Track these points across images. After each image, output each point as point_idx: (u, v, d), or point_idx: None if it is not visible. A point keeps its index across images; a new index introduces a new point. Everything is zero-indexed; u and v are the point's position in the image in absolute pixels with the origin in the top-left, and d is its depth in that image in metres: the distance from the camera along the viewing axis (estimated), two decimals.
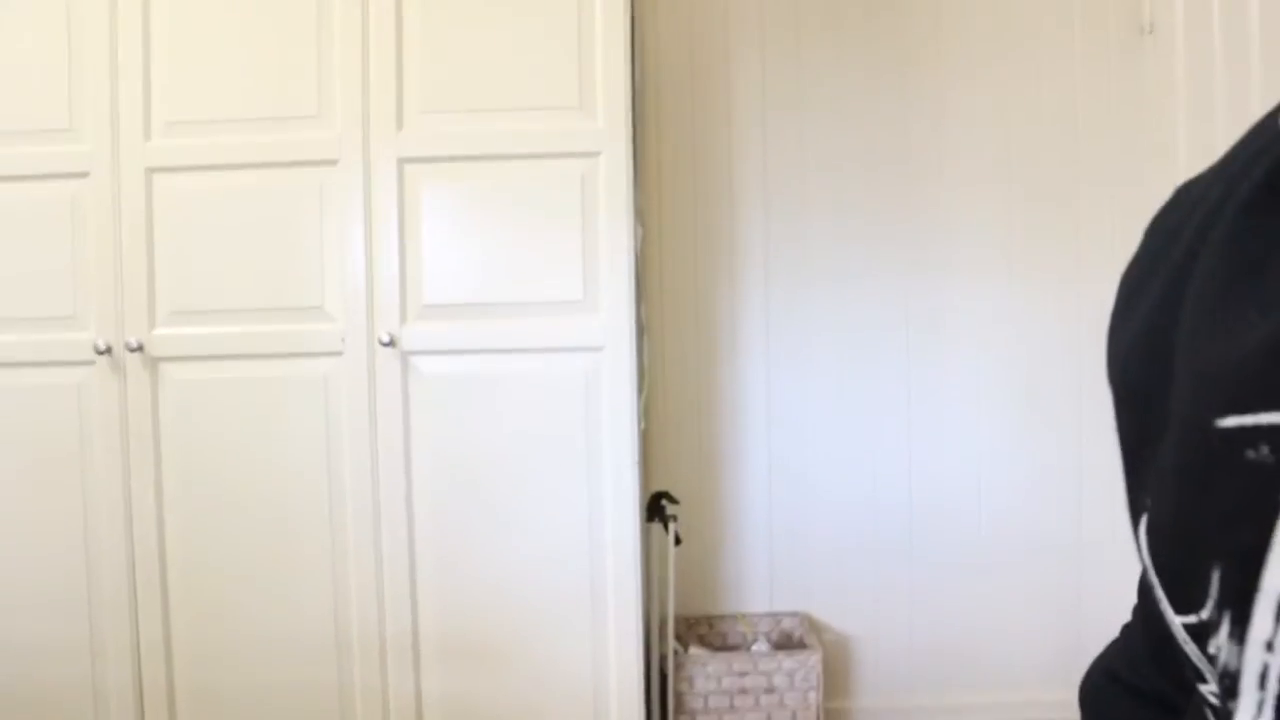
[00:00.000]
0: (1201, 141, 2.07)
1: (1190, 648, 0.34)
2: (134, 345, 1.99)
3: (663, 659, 2.31)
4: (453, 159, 1.99)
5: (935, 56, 2.53)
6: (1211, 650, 0.32)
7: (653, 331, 2.51)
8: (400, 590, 2.02)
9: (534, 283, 1.99)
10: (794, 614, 2.57)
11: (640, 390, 2.06)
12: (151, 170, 2.00)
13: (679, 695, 2.29)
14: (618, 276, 1.98)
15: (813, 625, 2.56)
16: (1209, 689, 0.33)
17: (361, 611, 2.02)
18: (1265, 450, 0.28)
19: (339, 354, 2.01)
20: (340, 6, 1.97)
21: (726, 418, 2.58)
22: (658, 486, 2.49)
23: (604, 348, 1.99)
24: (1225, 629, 0.30)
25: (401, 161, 1.98)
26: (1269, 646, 0.29)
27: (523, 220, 1.99)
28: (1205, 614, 0.31)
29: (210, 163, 2.00)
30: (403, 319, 2.00)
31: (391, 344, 1.98)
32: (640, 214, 2.09)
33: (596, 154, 1.97)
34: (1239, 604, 0.29)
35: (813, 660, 2.30)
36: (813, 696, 2.29)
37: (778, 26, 2.55)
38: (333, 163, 1.99)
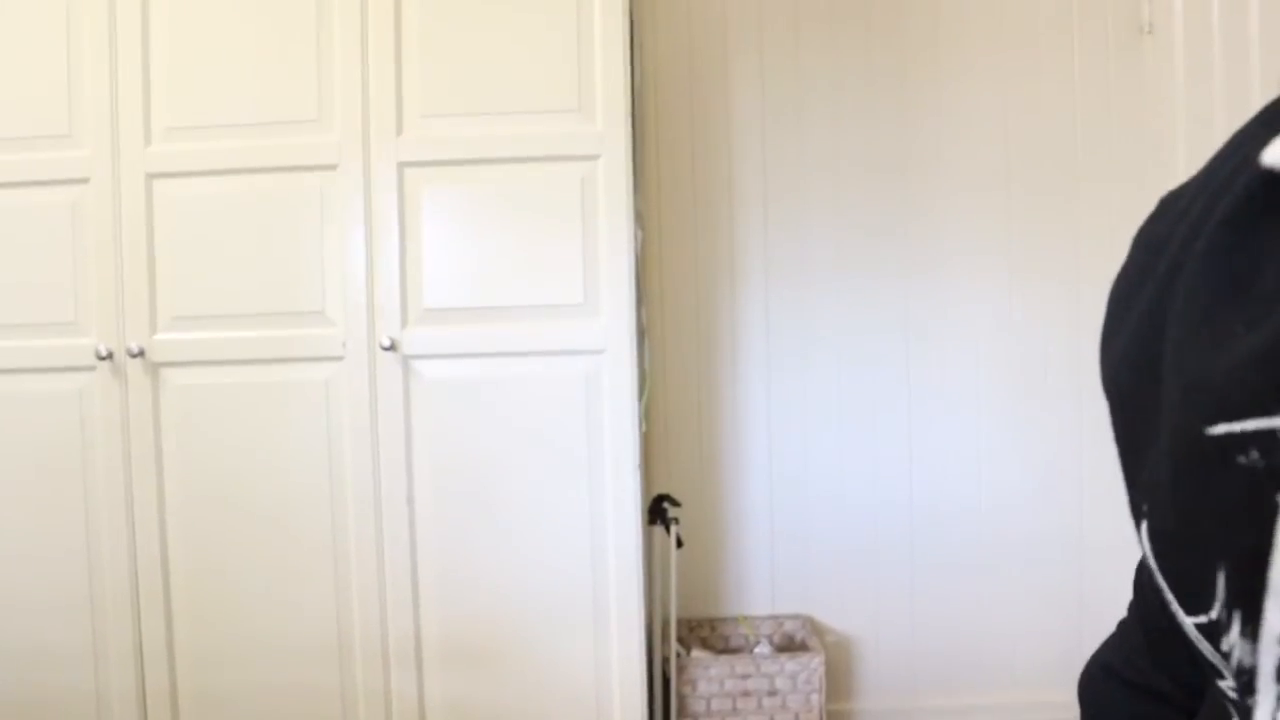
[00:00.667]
0: (1201, 142, 2.07)
1: (1204, 646, 0.35)
2: (135, 351, 1.99)
3: (665, 662, 2.31)
4: (452, 163, 1.99)
5: (934, 58, 2.54)
6: (1224, 648, 0.33)
7: (653, 334, 2.51)
8: (402, 594, 2.02)
9: (534, 286, 1.99)
10: (796, 616, 2.56)
11: (641, 393, 2.06)
12: (152, 176, 2.01)
13: (681, 698, 2.28)
14: (618, 279, 1.98)
15: (815, 627, 2.56)
16: (1227, 684, 0.34)
17: (364, 615, 2.02)
18: (1255, 455, 0.30)
19: (340, 359, 2.01)
20: (339, 12, 1.98)
21: (727, 420, 2.58)
22: (659, 489, 2.49)
23: (604, 351, 1.99)
24: (1236, 627, 0.31)
25: (401, 165, 1.99)
26: None
27: (523, 224, 1.99)
28: (1215, 614, 0.32)
29: (210, 168, 2.00)
30: (403, 323, 2.00)
31: (392, 348, 1.98)
32: (640, 217, 2.10)
33: (596, 157, 1.97)
34: (1248, 602, 0.30)
35: (815, 662, 2.30)
36: (815, 699, 2.29)
37: (776, 29, 2.55)
38: (333, 167, 1.99)
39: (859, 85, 2.54)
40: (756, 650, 2.45)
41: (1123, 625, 0.53)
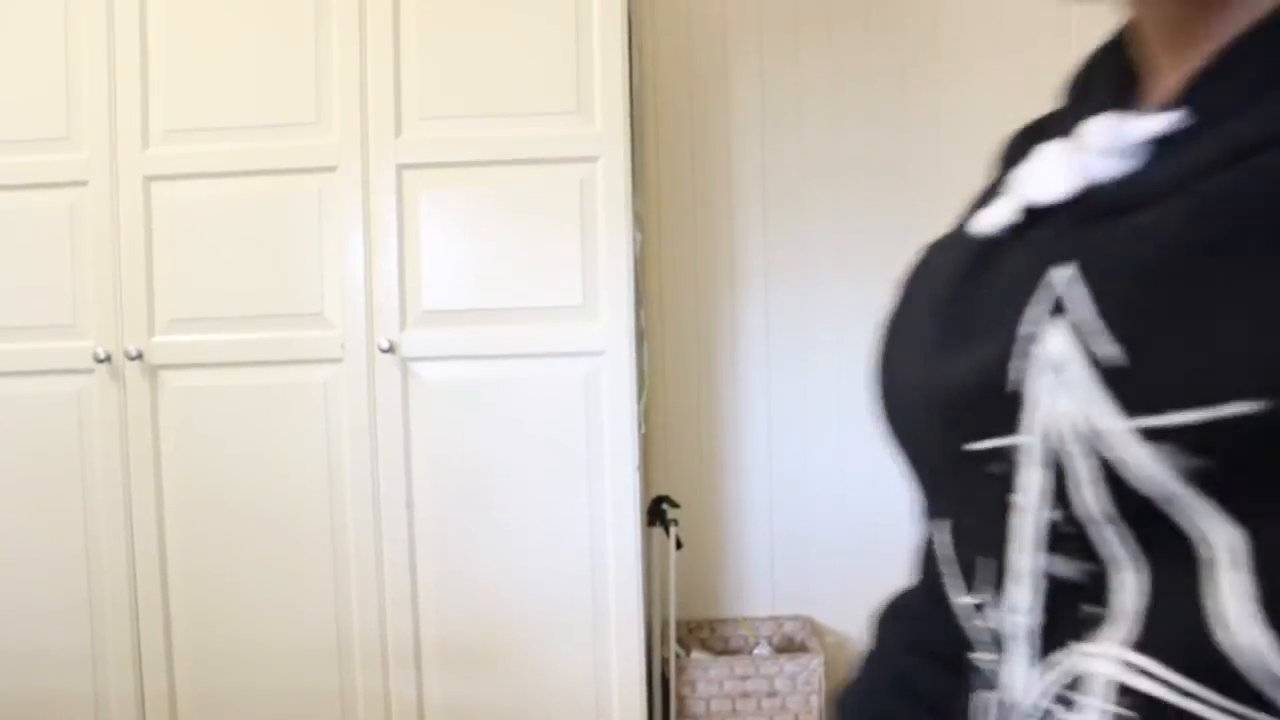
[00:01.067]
0: None
1: (968, 623, 0.43)
2: (133, 353, 1.99)
3: (664, 663, 2.31)
4: (451, 165, 1.99)
5: (933, 60, 2.53)
6: (983, 623, 0.42)
7: (652, 336, 2.51)
8: (401, 596, 2.01)
9: (533, 288, 1.99)
10: (796, 617, 2.56)
11: (640, 395, 2.06)
12: (150, 178, 2.00)
13: (681, 699, 2.28)
14: (617, 281, 1.98)
15: (815, 628, 2.56)
16: (980, 656, 0.43)
17: (363, 617, 2.02)
18: (998, 465, 0.38)
19: (339, 361, 2.01)
20: (337, 14, 1.97)
21: (727, 421, 2.58)
22: (658, 491, 2.49)
23: (604, 352, 1.99)
24: (993, 602, 0.40)
25: (400, 168, 1.98)
26: (1027, 610, 0.38)
27: (522, 225, 1.99)
28: (984, 595, 0.41)
29: (208, 170, 2.00)
30: (402, 325, 2.00)
31: (391, 350, 1.98)
32: (639, 219, 2.10)
33: (595, 159, 1.97)
34: (999, 582, 0.39)
35: (815, 664, 2.30)
36: (815, 700, 2.29)
37: (776, 31, 2.55)
38: (331, 169, 1.99)
39: (859, 87, 2.54)
40: (756, 651, 2.45)
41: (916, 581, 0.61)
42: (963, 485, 0.41)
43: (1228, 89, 0.34)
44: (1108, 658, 0.34)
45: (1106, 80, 0.43)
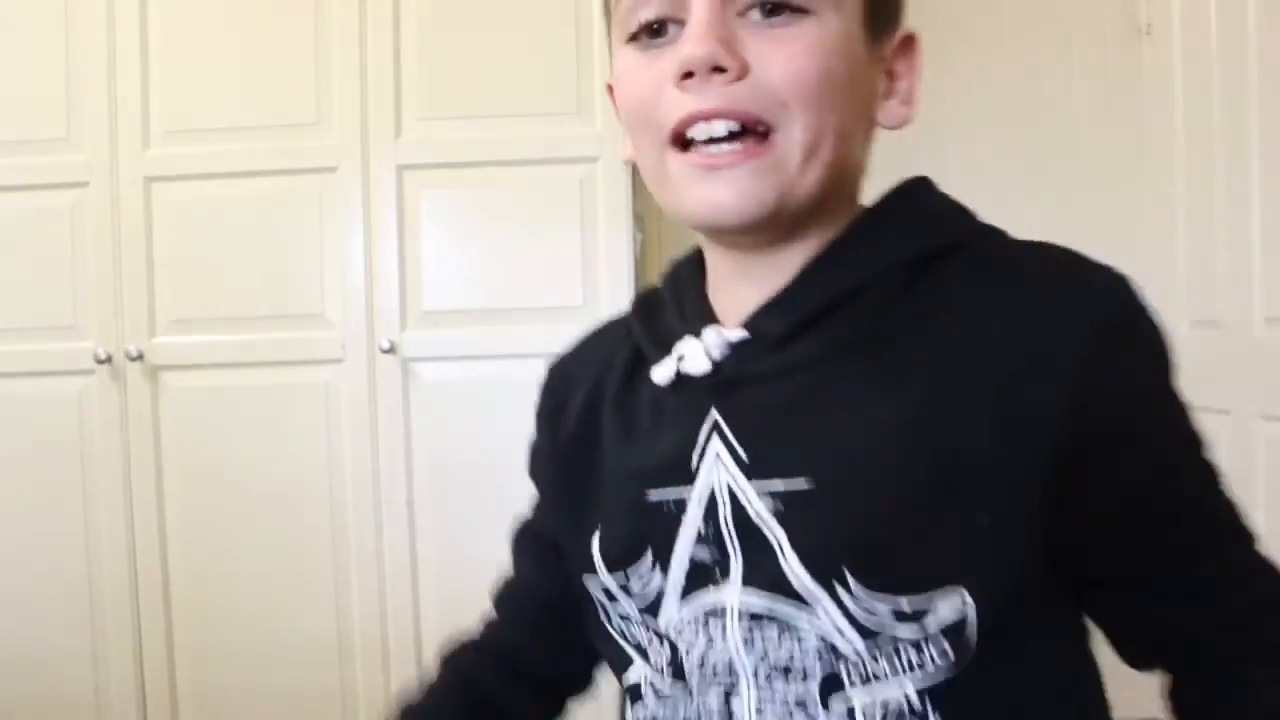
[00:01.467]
0: (1199, 142, 2.08)
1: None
2: (134, 354, 1.99)
3: None
4: (451, 165, 1.99)
5: (930, 59, 2.52)
6: (627, 591, 0.65)
7: None
8: (402, 595, 2.02)
9: (533, 289, 1.99)
10: None
11: None
12: (150, 179, 2.00)
13: None
14: (617, 282, 1.98)
15: None
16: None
17: (364, 616, 2.03)
18: (671, 506, 0.62)
19: (340, 361, 2.01)
20: (338, 15, 1.97)
21: None
22: None
23: None
24: (642, 577, 0.64)
25: (400, 168, 1.99)
26: (681, 577, 0.63)
27: (522, 226, 1.99)
28: (635, 575, 0.65)
29: (209, 171, 2.00)
30: (403, 326, 2.00)
31: (392, 351, 1.99)
32: (639, 219, 2.10)
33: (595, 159, 1.97)
34: (662, 565, 0.63)
35: None
36: None
37: None
38: (332, 170, 1.99)
39: None
40: None
41: (497, 624, 0.87)
42: (638, 520, 0.64)
43: (780, 319, 0.61)
44: (732, 596, 0.60)
45: (697, 295, 0.68)
